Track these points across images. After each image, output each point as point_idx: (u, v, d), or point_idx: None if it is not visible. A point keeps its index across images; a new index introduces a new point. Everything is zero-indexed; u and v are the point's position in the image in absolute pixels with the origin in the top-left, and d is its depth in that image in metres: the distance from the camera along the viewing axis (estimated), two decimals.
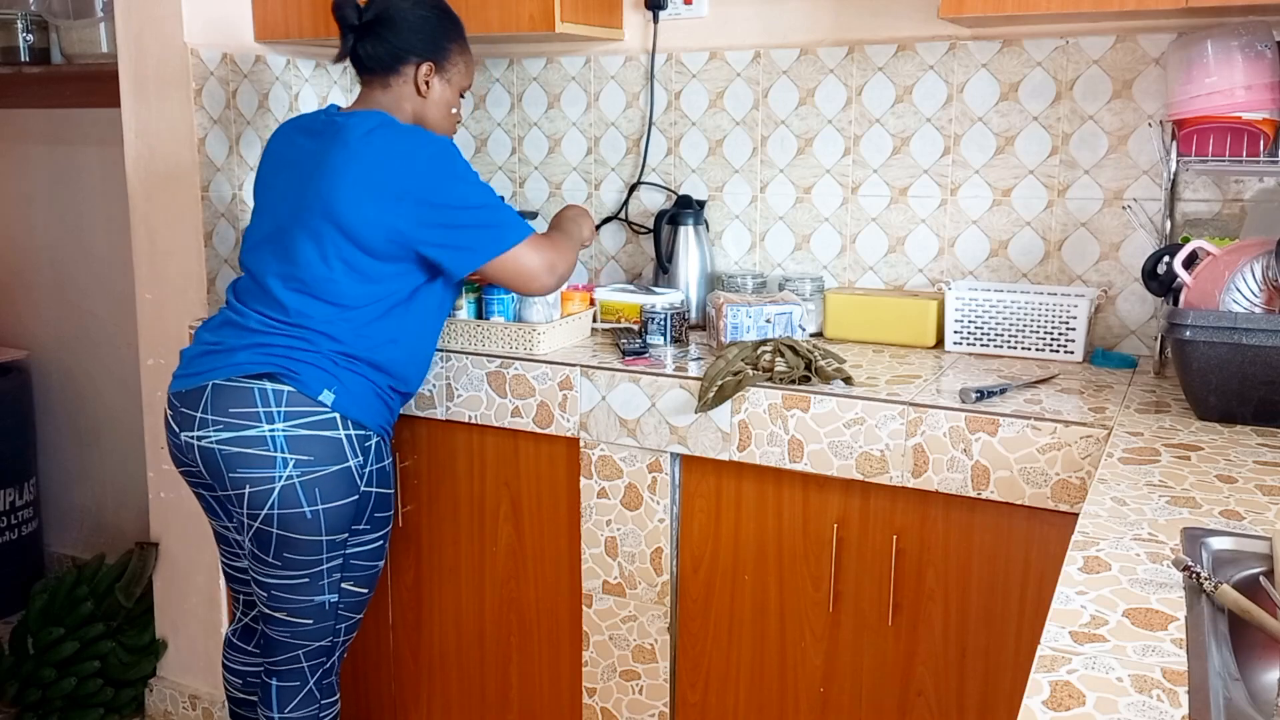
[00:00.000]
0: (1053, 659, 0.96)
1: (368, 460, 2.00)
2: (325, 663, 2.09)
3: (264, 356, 1.90)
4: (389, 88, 2.04)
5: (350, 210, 1.90)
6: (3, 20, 3.07)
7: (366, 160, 1.91)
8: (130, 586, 2.86)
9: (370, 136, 1.93)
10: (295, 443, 1.89)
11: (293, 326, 1.93)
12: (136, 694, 2.89)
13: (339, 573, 2.02)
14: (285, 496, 1.89)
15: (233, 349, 1.92)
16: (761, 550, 2.02)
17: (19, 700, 2.75)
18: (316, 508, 1.91)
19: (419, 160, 1.92)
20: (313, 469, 1.90)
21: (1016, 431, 1.75)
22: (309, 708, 2.09)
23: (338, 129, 1.96)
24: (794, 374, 1.94)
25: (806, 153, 2.48)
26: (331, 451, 1.92)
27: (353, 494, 1.97)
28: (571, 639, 2.24)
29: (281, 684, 2.07)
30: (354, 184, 1.90)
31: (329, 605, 2.02)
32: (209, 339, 1.98)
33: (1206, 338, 1.66)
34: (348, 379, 1.94)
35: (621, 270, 2.74)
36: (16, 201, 3.54)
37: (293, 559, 1.94)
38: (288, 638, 2.03)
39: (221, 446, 1.88)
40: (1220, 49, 1.90)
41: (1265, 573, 1.16)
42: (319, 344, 1.93)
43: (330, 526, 1.94)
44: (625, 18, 2.60)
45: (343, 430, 1.93)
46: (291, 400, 1.89)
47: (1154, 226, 2.13)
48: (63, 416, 3.57)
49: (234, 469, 1.89)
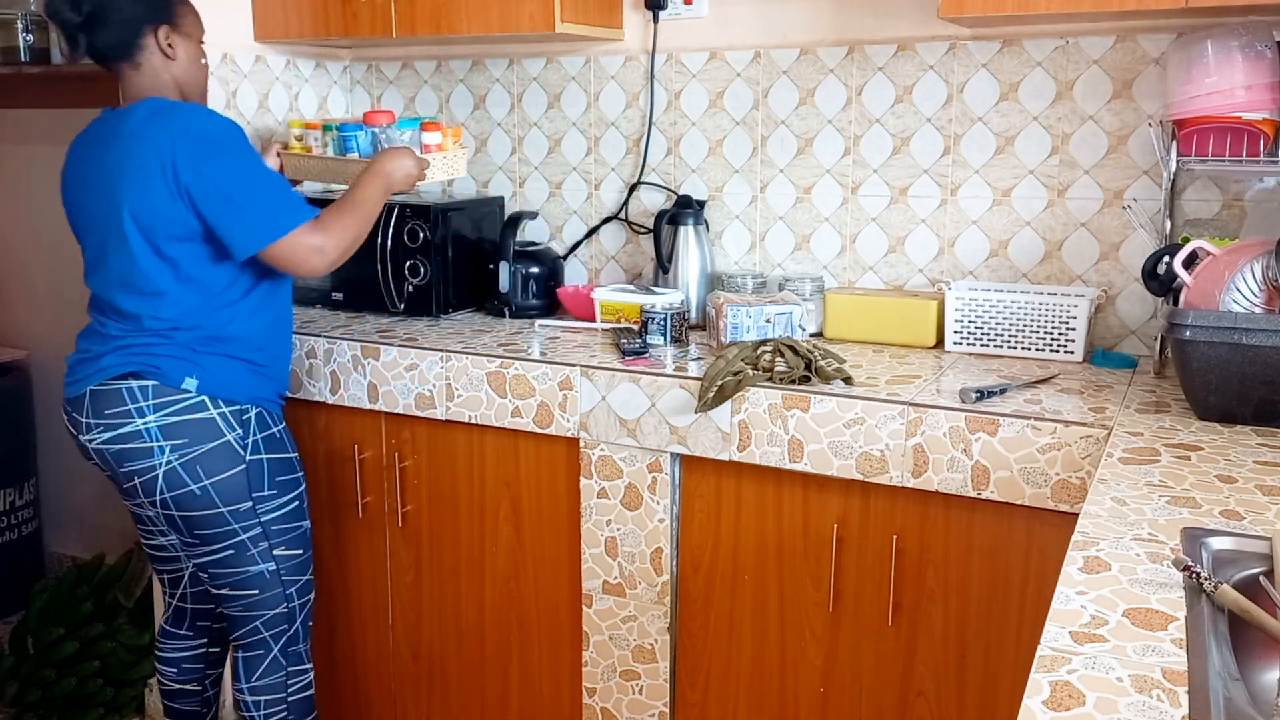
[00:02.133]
0: (1053, 659, 0.96)
1: (248, 431, 2.06)
2: (288, 630, 2.17)
3: (125, 358, 1.99)
4: (140, 66, 2.02)
5: (143, 206, 1.93)
6: (3, 20, 3.06)
7: (143, 153, 1.93)
8: (130, 586, 2.87)
9: (142, 129, 1.94)
10: (169, 430, 1.97)
11: (144, 328, 1.99)
12: (136, 694, 2.89)
13: (265, 541, 2.09)
14: (170, 480, 1.98)
15: (99, 355, 2.01)
16: (761, 550, 2.02)
17: (19, 700, 2.75)
18: (203, 483, 2.00)
19: (188, 134, 1.92)
20: (189, 449, 1.99)
21: (1016, 431, 1.75)
22: (275, 675, 2.17)
23: (114, 131, 1.98)
24: (794, 374, 1.94)
25: (806, 153, 2.48)
26: (206, 431, 2.00)
27: (238, 465, 2.03)
28: (571, 639, 2.24)
29: (246, 655, 2.17)
30: (137, 179, 1.92)
31: (269, 573, 2.11)
32: (82, 347, 2.06)
33: (1206, 338, 1.66)
34: (207, 362, 2.01)
35: (621, 270, 2.74)
36: (16, 201, 3.54)
37: (205, 534, 2.04)
38: (242, 611, 2.12)
39: (107, 446, 1.99)
40: (1220, 49, 1.90)
41: (1265, 573, 1.16)
42: (173, 336, 1.99)
43: (225, 499, 2.02)
44: (625, 18, 2.60)
45: (214, 409, 2.01)
46: (158, 393, 1.98)
47: (1154, 226, 2.13)
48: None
49: (121, 464, 1.99)
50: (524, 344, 2.30)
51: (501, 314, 2.61)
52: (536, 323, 2.56)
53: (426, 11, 2.44)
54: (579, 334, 2.41)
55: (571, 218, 2.78)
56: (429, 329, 2.46)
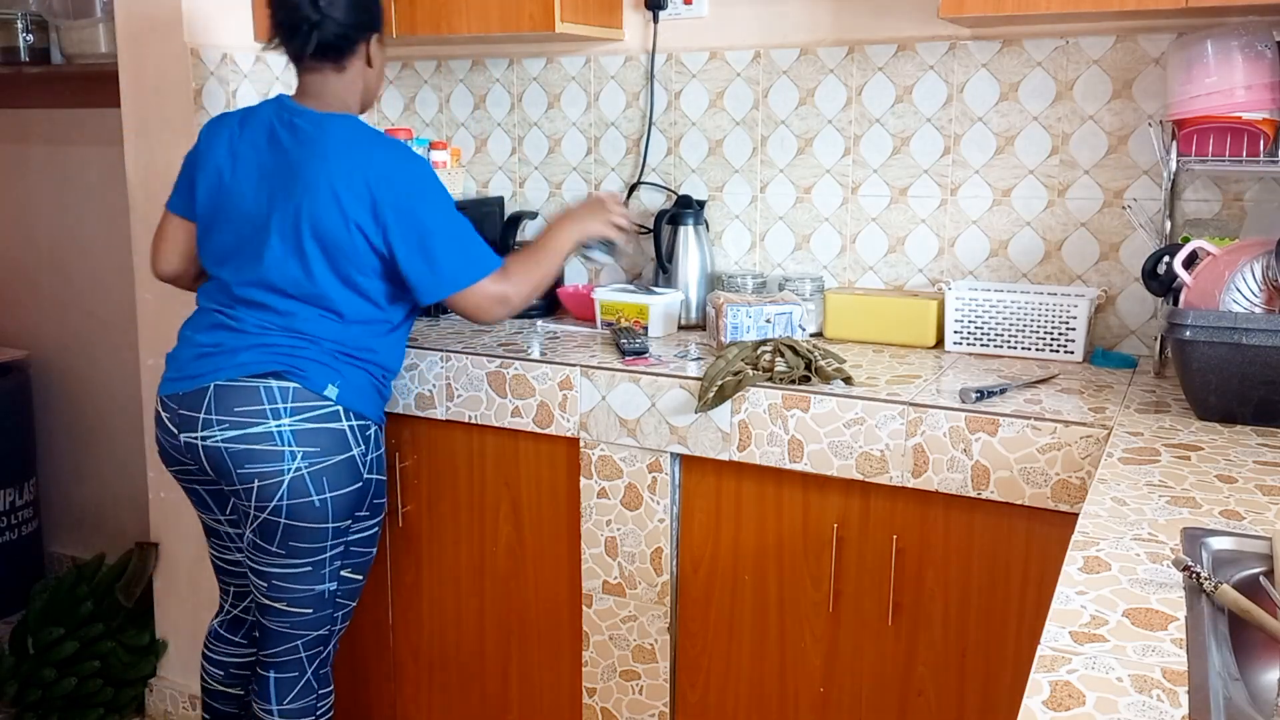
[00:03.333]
0: (1053, 659, 0.96)
1: (369, 449, 2.03)
2: (322, 652, 2.12)
3: (267, 356, 1.93)
4: (344, 69, 1.99)
5: (327, 225, 1.90)
6: (3, 20, 3.07)
7: (340, 173, 1.89)
8: (130, 586, 2.86)
9: (344, 149, 1.91)
10: (302, 436, 1.92)
11: (289, 328, 1.95)
12: (136, 694, 2.89)
13: (340, 560, 2.06)
14: (295, 487, 1.92)
15: (234, 350, 1.94)
16: (761, 550, 2.02)
17: (19, 700, 2.75)
18: (325, 496, 1.95)
19: (402, 176, 1.92)
20: (320, 460, 1.94)
21: (1016, 431, 1.75)
22: (307, 698, 2.11)
23: (314, 136, 1.93)
24: (794, 374, 1.94)
25: (806, 153, 2.48)
26: (336, 442, 1.95)
27: (357, 481, 2.00)
28: (571, 639, 2.24)
29: (279, 675, 2.08)
30: (326, 195, 1.89)
31: (328, 594, 2.05)
32: (204, 342, 1.98)
33: (1206, 338, 1.66)
34: (348, 373, 1.98)
35: (621, 270, 2.74)
36: (16, 201, 3.54)
37: (298, 547, 1.97)
38: (286, 628, 2.05)
39: (228, 445, 1.91)
40: (1220, 49, 1.90)
41: (1265, 573, 1.16)
42: (318, 341, 1.96)
43: (337, 514, 1.98)
44: (625, 18, 2.60)
45: (345, 422, 1.97)
46: (297, 396, 1.92)
47: (1154, 226, 2.13)
48: (63, 416, 3.57)
49: (241, 465, 1.91)
50: (524, 344, 2.30)
51: None
52: (537, 323, 2.56)
53: (426, 11, 2.44)
54: (579, 334, 2.41)
55: None
56: (429, 329, 2.46)
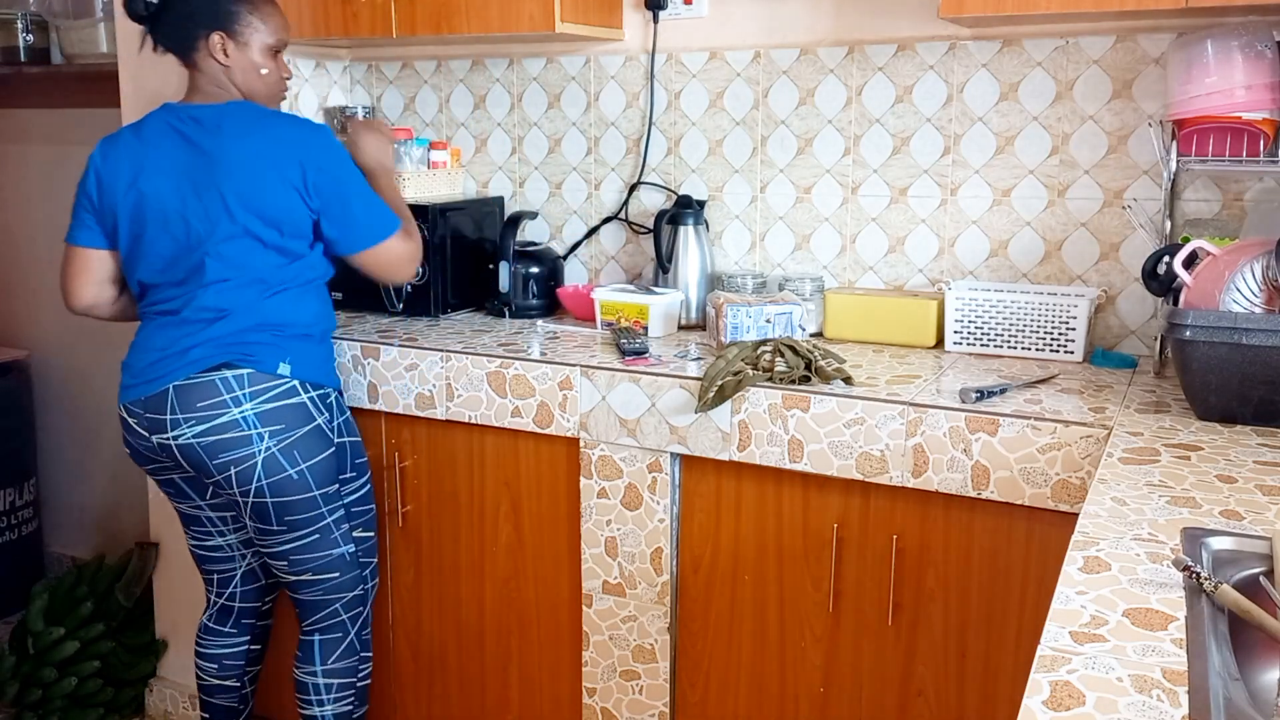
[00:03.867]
0: (1053, 659, 0.96)
1: (333, 415, 2.12)
2: (363, 612, 2.22)
3: (215, 348, 1.98)
4: (198, 65, 2.06)
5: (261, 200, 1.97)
6: (3, 20, 3.07)
7: (261, 150, 1.98)
8: (130, 586, 2.86)
9: (254, 128, 2.00)
10: (266, 417, 1.99)
11: (230, 317, 1.99)
12: (136, 694, 2.89)
13: (346, 523, 2.14)
14: (269, 466, 2.00)
15: (183, 350, 1.99)
16: (761, 550, 2.02)
17: (19, 700, 2.75)
18: (300, 468, 2.02)
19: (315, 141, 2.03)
20: (287, 434, 2.01)
21: (1016, 431, 1.75)
22: (349, 659, 2.21)
23: (204, 127, 2.00)
24: (794, 374, 1.94)
25: (806, 153, 2.48)
26: (300, 415, 2.03)
27: (329, 448, 2.09)
28: (571, 639, 2.24)
29: (324, 637, 2.19)
30: (252, 174, 1.96)
31: (349, 555, 2.15)
32: (155, 345, 2.02)
33: (1206, 338, 1.66)
34: (294, 346, 2.04)
35: (621, 270, 2.74)
36: (16, 201, 3.54)
37: (296, 520, 2.05)
38: (321, 595, 2.14)
39: (199, 439, 1.97)
40: (1220, 49, 1.90)
41: (1265, 573, 1.16)
42: (261, 325, 2.01)
43: (319, 481, 2.06)
44: (625, 18, 2.60)
45: (304, 394, 2.05)
46: (253, 380, 1.99)
47: (1154, 226, 2.13)
48: (63, 416, 3.57)
49: (215, 456, 1.98)
50: (524, 344, 2.30)
51: (501, 314, 2.61)
52: (537, 323, 2.56)
53: (426, 11, 2.44)
54: (579, 334, 2.41)
55: (571, 218, 2.78)
56: (429, 329, 2.46)
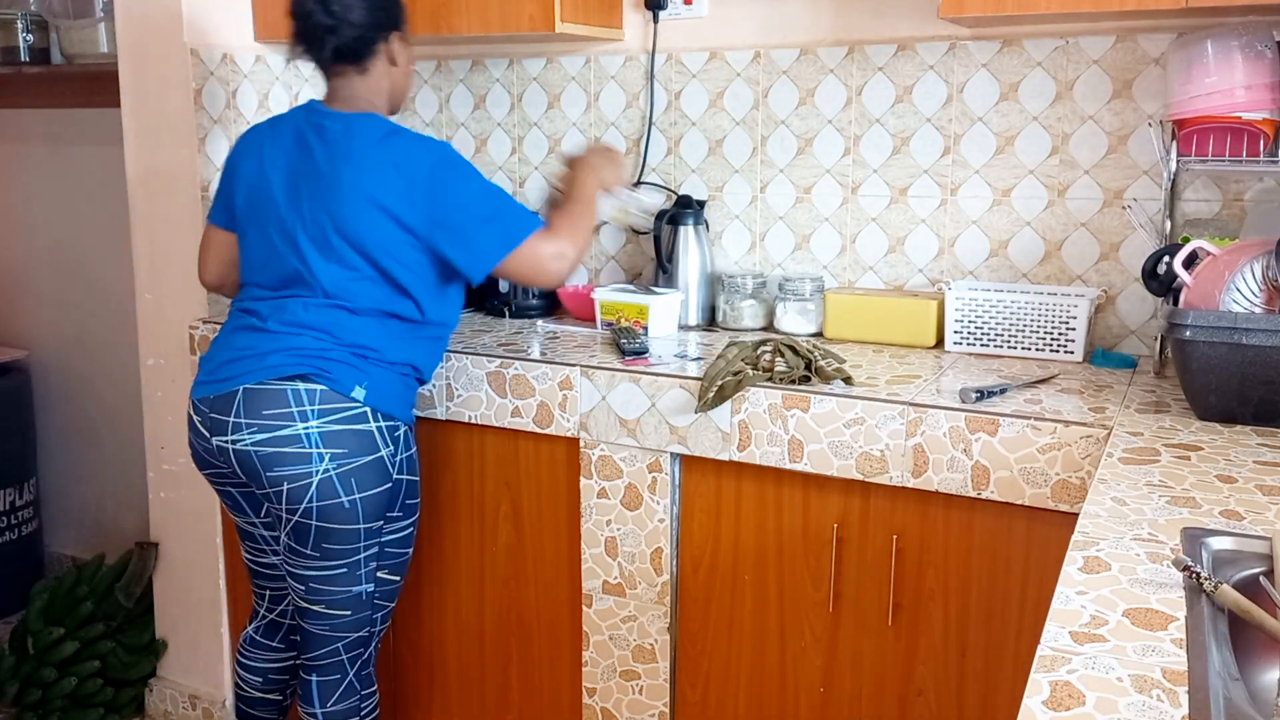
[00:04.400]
0: (1053, 659, 0.96)
1: (398, 449, 2.03)
2: (363, 654, 2.12)
3: (295, 359, 1.92)
4: (367, 72, 2.01)
5: (368, 226, 1.91)
6: (3, 20, 3.07)
7: (379, 174, 1.91)
8: (130, 586, 2.86)
9: (380, 148, 1.93)
10: (329, 438, 1.91)
11: (319, 331, 1.95)
12: (136, 694, 2.89)
13: (375, 561, 2.05)
14: (323, 489, 1.92)
15: (262, 354, 1.93)
16: (761, 550, 2.02)
17: (19, 700, 2.75)
18: (354, 497, 1.94)
19: (427, 162, 1.94)
20: (348, 461, 1.93)
21: (1016, 431, 1.75)
22: (350, 700, 2.11)
23: (339, 138, 1.94)
24: (794, 374, 1.94)
25: (806, 153, 2.48)
26: (364, 443, 1.95)
27: (386, 482, 1.99)
28: (571, 639, 2.24)
29: (322, 679, 2.09)
30: (369, 199, 1.91)
31: (365, 595, 2.05)
32: (234, 345, 1.98)
33: (1206, 338, 1.66)
34: (375, 373, 1.97)
35: (621, 270, 2.74)
36: (16, 201, 3.54)
37: (331, 549, 1.97)
38: (326, 631, 2.05)
39: (257, 448, 1.91)
40: (1220, 49, 1.90)
41: (1265, 573, 1.16)
42: (346, 344, 1.95)
43: (367, 515, 1.97)
44: (625, 18, 2.60)
45: (373, 423, 1.96)
46: (324, 398, 1.91)
47: (1154, 226, 2.13)
48: (63, 416, 3.57)
49: (270, 468, 1.91)
50: (524, 344, 2.30)
51: (501, 314, 2.61)
52: (537, 323, 2.56)
53: (426, 11, 2.44)
54: (579, 334, 2.41)
55: None
56: None
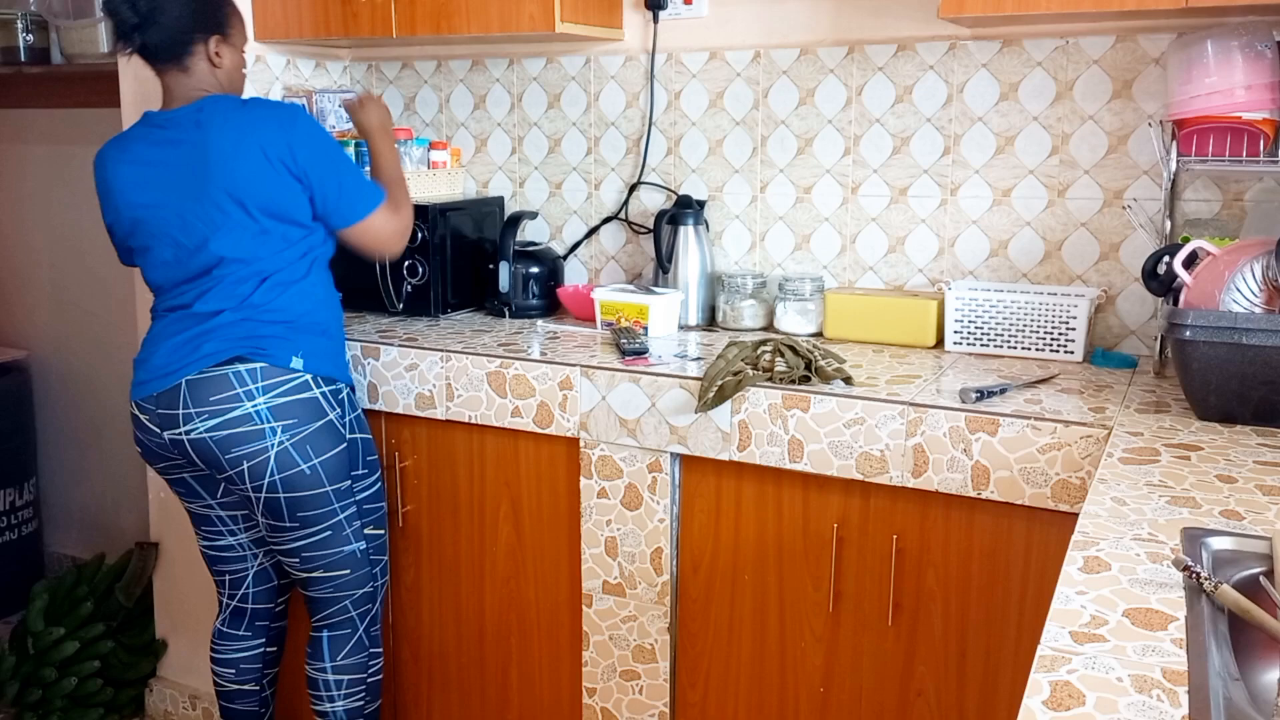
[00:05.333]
0: (1053, 659, 0.96)
1: (345, 410, 2.12)
2: (371, 609, 2.21)
3: (227, 343, 1.98)
4: (187, 69, 2.05)
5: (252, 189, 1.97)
6: (3, 20, 3.07)
7: (242, 140, 1.97)
8: (130, 586, 2.86)
9: (233, 120, 1.99)
10: (278, 410, 1.99)
11: (240, 310, 2.00)
12: (136, 694, 2.89)
13: (358, 520, 2.14)
14: (281, 460, 2.00)
15: (196, 345, 1.99)
16: (761, 550, 2.02)
17: (19, 700, 2.75)
18: (312, 462, 2.02)
19: (299, 121, 2.04)
20: (299, 429, 2.01)
21: (1016, 431, 1.75)
22: (359, 655, 2.21)
23: (186, 128, 2.00)
24: (794, 374, 1.94)
25: (806, 153, 2.48)
26: (312, 410, 2.03)
27: (340, 444, 2.08)
28: (571, 639, 2.24)
29: (333, 634, 2.19)
30: (240, 165, 1.96)
31: (360, 553, 2.14)
32: (166, 343, 2.02)
33: (1206, 338, 1.66)
34: (306, 340, 2.04)
35: (621, 270, 2.74)
36: (16, 201, 3.54)
37: (308, 516, 2.05)
38: (331, 592, 2.14)
39: (212, 434, 1.97)
40: (1220, 49, 1.90)
41: (1265, 573, 1.16)
42: (270, 320, 2.01)
43: (331, 477, 2.06)
44: (625, 18, 2.60)
45: (316, 389, 2.04)
46: (266, 374, 1.99)
47: (1154, 226, 2.13)
48: (63, 416, 3.57)
49: (228, 450, 1.98)
50: (524, 344, 2.30)
51: (501, 314, 2.61)
52: (537, 323, 2.56)
53: (426, 11, 2.44)
54: (579, 334, 2.41)
55: (571, 218, 2.78)
56: (429, 329, 2.46)
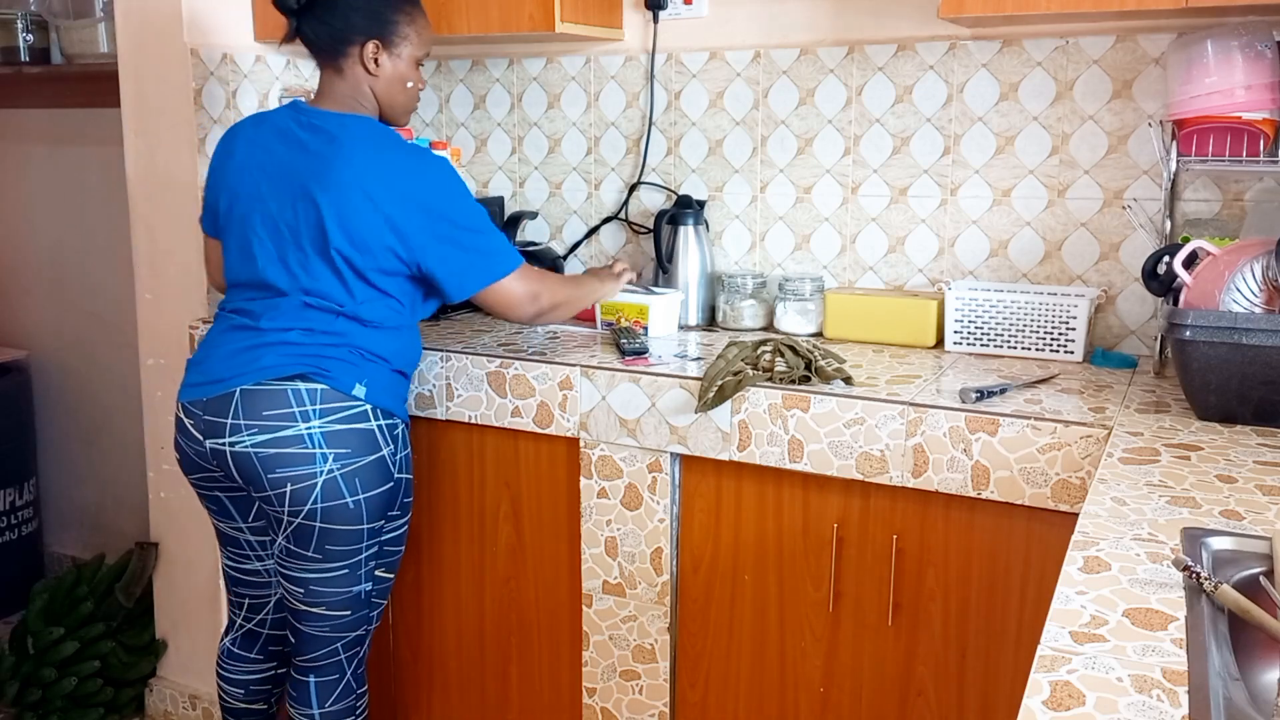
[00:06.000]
0: (1053, 659, 0.96)
1: (398, 448, 2.02)
2: (359, 652, 2.12)
3: (292, 358, 1.91)
4: (342, 71, 1.99)
5: (352, 226, 1.90)
6: (3, 20, 3.07)
7: (374, 177, 1.90)
8: (130, 586, 2.86)
9: (374, 153, 1.92)
10: (332, 438, 1.90)
11: (310, 329, 1.93)
12: (136, 694, 2.89)
13: (375, 561, 2.05)
14: (328, 490, 1.91)
15: (258, 354, 1.92)
16: (761, 550, 2.02)
17: (19, 700, 2.75)
18: (358, 497, 1.94)
19: (427, 176, 1.94)
20: (351, 461, 1.92)
21: (1016, 431, 1.75)
22: (347, 699, 2.11)
23: (332, 135, 1.93)
24: (794, 374, 1.94)
25: (806, 153, 2.48)
26: (366, 443, 1.94)
27: (388, 481, 1.99)
28: (571, 639, 2.24)
29: (320, 679, 2.08)
30: (347, 196, 1.89)
31: (364, 595, 2.05)
32: (227, 346, 1.96)
33: (1206, 338, 1.66)
34: (372, 371, 1.96)
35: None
36: (16, 201, 3.54)
37: (334, 550, 1.96)
38: (326, 632, 2.04)
39: (258, 449, 1.89)
40: (1220, 49, 1.90)
41: (1265, 573, 1.16)
42: (340, 342, 1.94)
43: (371, 515, 1.97)
44: (625, 18, 2.60)
45: (374, 421, 1.95)
46: (325, 398, 1.90)
47: (1154, 226, 2.13)
48: (63, 416, 3.57)
49: (272, 470, 1.89)
50: (524, 344, 2.30)
51: None
52: None
53: (427, 12, 2.43)
54: (579, 334, 2.41)
55: (571, 218, 2.78)
56: (429, 329, 2.45)
